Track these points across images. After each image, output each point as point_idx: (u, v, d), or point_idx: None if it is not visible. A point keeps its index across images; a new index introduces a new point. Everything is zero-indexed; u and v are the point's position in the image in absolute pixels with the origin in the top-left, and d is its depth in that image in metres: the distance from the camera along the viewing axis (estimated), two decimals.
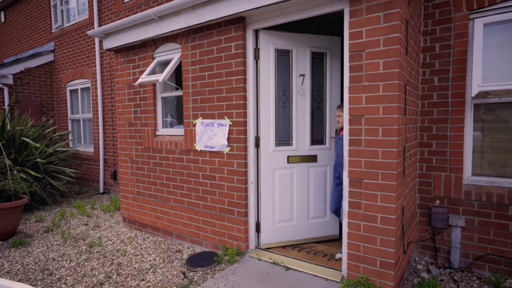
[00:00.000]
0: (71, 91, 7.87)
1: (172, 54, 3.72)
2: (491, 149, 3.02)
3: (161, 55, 3.85)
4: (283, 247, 3.33)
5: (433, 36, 3.12)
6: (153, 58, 3.91)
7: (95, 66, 6.89)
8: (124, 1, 6.24)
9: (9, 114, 6.02)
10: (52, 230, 4.42)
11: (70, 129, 7.86)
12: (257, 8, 2.84)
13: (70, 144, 7.58)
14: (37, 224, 4.71)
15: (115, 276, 3.09)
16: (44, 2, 8.20)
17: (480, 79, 2.90)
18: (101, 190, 6.82)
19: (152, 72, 3.82)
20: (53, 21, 8.14)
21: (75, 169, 6.35)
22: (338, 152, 2.98)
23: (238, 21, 3.11)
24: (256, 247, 3.34)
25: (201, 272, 3.07)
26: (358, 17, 2.45)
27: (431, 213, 3.15)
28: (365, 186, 2.51)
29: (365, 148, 2.50)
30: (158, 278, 3.00)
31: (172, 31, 3.51)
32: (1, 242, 4.00)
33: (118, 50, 4.30)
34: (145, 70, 3.97)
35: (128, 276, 3.07)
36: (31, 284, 2.91)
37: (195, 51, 3.46)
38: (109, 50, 4.34)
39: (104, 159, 6.86)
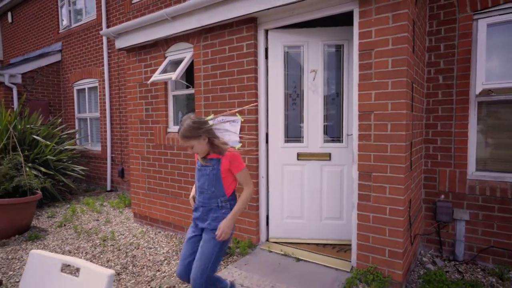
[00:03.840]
0: (78, 90, 7.98)
1: (184, 53, 3.83)
2: (494, 145, 3.13)
3: (172, 54, 3.96)
4: (292, 243, 3.42)
5: (438, 36, 3.22)
6: (165, 57, 4.03)
7: (103, 65, 6.99)
8: (132, 2, 6.35)
9: (19, 113, 6.13)
10: (65, 225, 4.53)
11: (77, 127, 7.96)
12: (268, 9, 2.95)
13: (77, 142, 7.69)
14: (50, 220, 4.82)
15: (131, 267, 3.20)
16: (52, 3, 8.32)
17: (484, 77, 3.01)
18: (108, 188, 6.92)
19: (164, 71, 3.93)
20: (61, 21, 8.26)
21: (83, 167, 6.44)
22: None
23: (250, 22, 3.22)
24: (267, 240, 3.45)
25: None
26: (367, 17, 2.57)
27: (436, 207, 3.25)
28: (374, 179, 2.61)
29: (374, 143, 2.60)
30: (173, 269, 3.11)
31: (185, 31, 3.63)
32: (17, 236, 4.11)
33: (130, 50, 4.41)
34: (156, 69, 4.08)
35: (143, 267, 3.18)
36: None
37: (207, 50, 3.58)
38: (121, 49, 4.45)
39: (112, 157, 6.96)
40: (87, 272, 1.20)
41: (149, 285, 2.85)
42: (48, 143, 5.74)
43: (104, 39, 6.83)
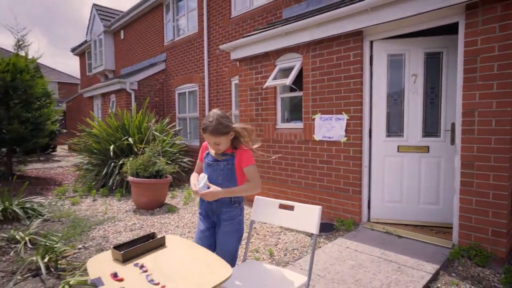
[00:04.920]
0: (179, 94, 9.35)
1: (293, 62, 4.56)
2: None
3: (282, 63, 4.73)
4: (392, 224, 3.93)
5: None
6: (275, 66, 4.81)
7: (203, 72, 8.17)
8: (231, 17, 7.35)
9: (141, 114, 7.54)
10: (188, 204, 5.62)
11: (177, 126, 9.33)
12: (377, 24, 3.52)
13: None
14: (173, 199, 5.98)
15: (255, 235, 4.02)
16: (158, 21, 9.85)
17: None
18: None
19: (274, 78, 4.72)
20: (165, 35, 9.73)
21: (190, 158, 7.65)
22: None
23: (357, 35, 3.82)
24: (368, 221, 4.01)
25: (324, 236, 3.84)
26: (473, 28, 2.98)
27: None
28: (477, 167, 3.02)
29: (478, 136, 3.01)
30: (290, 238, 3.85)
31: (296, 44, 4.36)
32: (157, 208, 5.28)
33: (242, 60, 5.31)
34: (266, 75, 4.89)
35: (266, 235, 3.98)
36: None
37: (316, 59, 4.26)
38: (235, 59, 5.38)
39: None
40: (299, 208, 1.95)
41: (276, 246, 3.62)
42: (164, 138, 7.00)
43: (205, 50, 7.98)
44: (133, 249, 1.54)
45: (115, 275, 1.36)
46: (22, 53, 7.21)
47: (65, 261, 3.26)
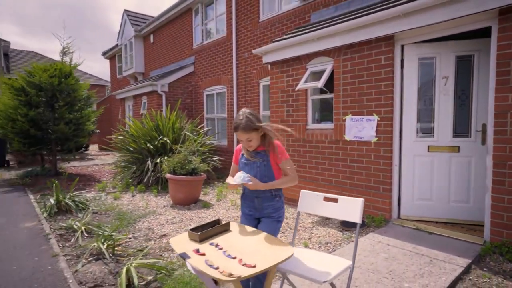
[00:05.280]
0: (207, 95, 9.72)
1: (324, 65, 4.77)
2: None
3: (313, 66, 4.94)
4: (421, 221, 4.06)
5: None
6: (306, 69, 5.03)
7: (231, 74, 8.48)
8: (260, 21, 7.62)
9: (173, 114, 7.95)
10: (220, 200, 5.93)
11: (205, 126, 9.70)
12: (409, 29, 3.68)
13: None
14: (205, 196, 6.31)
15: (288, 229, 4.26)
16: (187, 25, 10.27)
17: None
18: None
19: (306, 80, 4.94)
20: (194, 39, 10.14)
21: (219, 157, 7.98)
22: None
23: (388, 39, 3.98)
24: (398, 218, 4.16)
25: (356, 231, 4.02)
26: (506, 32, 3.09)
27: None
28: (509, 167, 3.13)
29: (510, 137, 3.12)
30: (323, 233, 4.06)
31: (327, 48, 4.57)
32: (193, 204, 5.62)
33: (273, 63, 5.56)
34: (297, 78, 5.12)
35: (299, 230, 4.21)
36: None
37: (346, 62, 4.45)
38: (266, 63, 5.64)
39: None
40: (343, 200, 2.18)
41: (310, 240, 3.85)
42: (195, 137, 7.35)
43: (234, 53, 8.29)
44: (207, 231, 1.82)
45: (197, 251, 1.65)
46: (67, 59, 7.78)
47: (120, 248, 3.62)
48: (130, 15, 13.23)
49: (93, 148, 18.18)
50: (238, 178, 1.99)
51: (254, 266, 1.46)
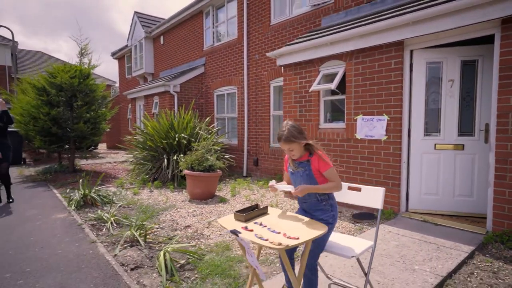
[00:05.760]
0: (218, 95, 10.03)
1: (336, 68, 5.07)
2: None
3: (326, 69, 5.25)
4: (428, 214, 4.36)
5: None
6: (319, 72, 5.34)
7: (242, 75, 8.79)
8: (271, 24, 7.92)
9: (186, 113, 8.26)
10: (235, 195, 6.24)
11: (215, 125, 10.02)
12: (418, 36, 3.98)
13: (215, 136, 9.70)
14: (220, 192, 6.62)
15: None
16: (198, 27, 10.58)
17: None
18: (244, 174, 8.69)
19: (319, 82, 5.24)
20: (205, 41, 10.45)
21: (231, 155, 8.29)
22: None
23: (398, 45, 4.29)
24: (406, 211, 4.46)
25: (366, 223, 4.33)
26: (509, 40, 3.39)
27: None
28: (510, 163, 3.42)
29: (511, 135, 3.41)
30: (336, 225, 4.36)
31: (340, 52, 4.87)
32: (210, 199, 5.93)
33: (287, 66, 5.87)
34: (310, 80, 5.43)
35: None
36: None
37: (358, 66, 4.75)
38: (280, 65, 5.95)
39: (247, 149, 8.71)
40: (365, 189, 2.48)
41: None
42: (208, 136, 7.66)
43: (245, 55, 8.59)
44: (251, 213, 2.13)
45: (246, 228, 1.95)
46: (86, 60, 8.11)
47: (150, 236, 3.93)
48: (141, 17, 13.56)
49: (101, 147, 18.54)
50: (280, 185, 2.27)
51: (298, 238, 1.77)
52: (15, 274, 2.96)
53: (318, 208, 2.24)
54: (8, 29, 13.78)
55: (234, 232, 1.91)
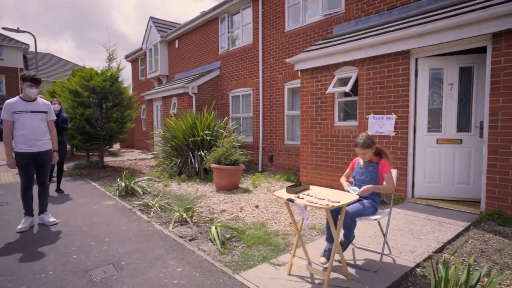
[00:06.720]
0: (233, 97, 10.73)
1: (350, 73, 5.76)
2: None
3: (340, 73, 5.94)
4: (431, 199, 5.04)
5: None
6: (334, 76, 6.03)
7: (257, 78, 9.48)
8: (285, 31, 8.61)
9: (205, 113, 8.95)
10: (257, 187, 6.93)
11: (231, 125, 10.70)
12: (421, 47, 4.66)
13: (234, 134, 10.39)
14: (242, 184, 7.31)
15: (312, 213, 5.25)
16: (213, 32, 11.28)
17: None
18: (259, 169, 9.38)
19: (334, 86, 5.93)
20: (220, 45, 11.14)
21: (249, 151, 8.98)
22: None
23: (405, 53, 4.97)
24: (412, 197, 5.15)
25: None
26: (498, 51, 4.07)
27: None
28: (500, 153, 4.10)
29: (501, 130, 4.09)
30: None
31: (353, 59, 5.56)
32: (235, 190, 6.62)
33: (304, 70, 6.56)
34: (325, 83, 6.12)
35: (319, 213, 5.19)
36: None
37: (369, 71, 5.44)
38: (298, 70, 6.64)
39: (262, 146, 9.40)
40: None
41: None
42: (229, 134, 8.35)
43: (260, 59, 9.28)
44: (299, 187, 2.82)
45: (298, 196, 2.64)
46: (114, 64, 8.82)
47: (195, 217, 4.62)
48: (156, 22, 14.27)
49: (115, 146, 19.23)
50: (349, 188, 2.93)
51: (339, 202, 2.46)
52: (99, 243, 3.66)
53: (370, 198, 3.01)
54: (31, 34, 14.49)
55: (290, 200, 2.60)
